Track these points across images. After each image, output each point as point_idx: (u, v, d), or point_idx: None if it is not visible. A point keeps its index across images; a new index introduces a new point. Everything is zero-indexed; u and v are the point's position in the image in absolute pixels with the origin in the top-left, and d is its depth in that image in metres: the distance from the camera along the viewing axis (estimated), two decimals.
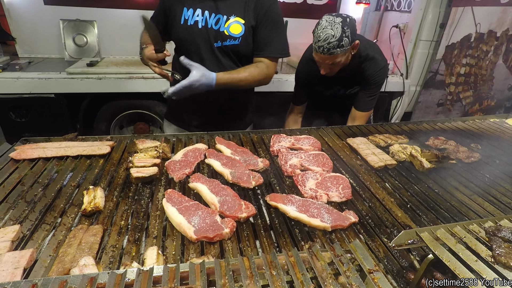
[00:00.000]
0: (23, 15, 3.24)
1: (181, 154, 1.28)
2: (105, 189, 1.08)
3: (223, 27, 1.54)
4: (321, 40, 1.53)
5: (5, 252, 0.78)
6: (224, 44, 1.57)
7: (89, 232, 0.86)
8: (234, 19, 1.54)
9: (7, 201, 0.99)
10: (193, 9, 1.56)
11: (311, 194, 1.09)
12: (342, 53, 1.56)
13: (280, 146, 1.40)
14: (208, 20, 1.55)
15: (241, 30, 1.55)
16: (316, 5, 3.99)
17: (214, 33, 1.55)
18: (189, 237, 0.88)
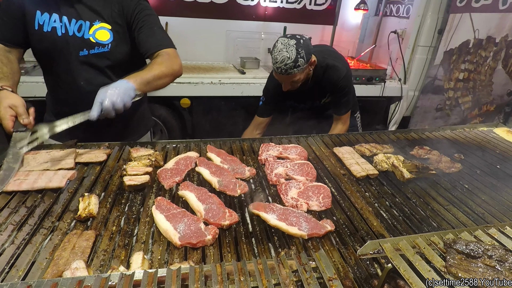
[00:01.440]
0: None
1: (173, 162, 1.35)
2: (99, 196, 1.15)
3: (88, 34, 1.42)
4: (278, 62, 1.65)
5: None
6: (92, 52, 1.44)
7: (83, 237, 0.93)
8: (99, 25, 1.42)
9: (9, 207, 1.08)
10: (49, 13, 1.40)
11: (292, 203, 1.16)
12: (300, 72, 1.69)
13: (268, 155, 1.47)
14: (68, 26, 1.41)
15: (109, 36, 1.44)
16: (316, 10, 4.05)
17: (78, 41, 1.42)
18: (174, 243, 0.95)
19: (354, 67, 3.73)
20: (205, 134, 3.56)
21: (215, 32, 3.86)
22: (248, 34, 3.97)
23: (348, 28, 4.27)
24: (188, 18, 3.69)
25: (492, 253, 0.77)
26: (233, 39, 3.95)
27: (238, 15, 3.83)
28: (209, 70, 3.59)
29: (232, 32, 3.91)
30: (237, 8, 3.78)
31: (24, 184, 1.15)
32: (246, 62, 3.72)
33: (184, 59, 3.94)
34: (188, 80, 3.20)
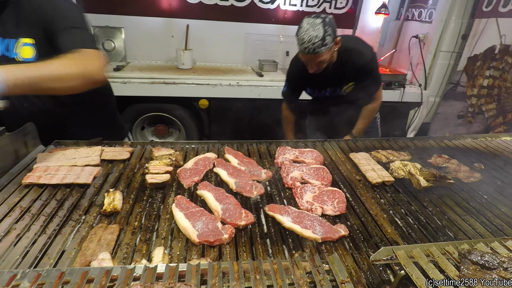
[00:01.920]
0: None
1: (192, 163, 1.40)
2: (123, 192, 1.22)
3: (14, 53, 1.30)
4: (306, 41, 1.66)
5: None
6: None
7: (108, 230, 0.99)
8: (22, 41, 1.29)
9: (40, 199, 1.15)
10: None
11: (307, 206, 1.18)
12: (327, 51, 1.71)
13: (284, 158, 1.50)
14: None
15: (33, 52, 1.30)
16: (336, 14, 4.03)
17: (9, 61, 1.29)
18: (192, 240, 0.99)
19: None
20: (222, 135, 3.61)
21: (234, 35, 3.92)
22: (266, 37, 4.01)
23: (368, 32, 4.23)
24: (209, 21, 3.77)
25: (508, 265, 0.77)
26: (251, 42, 4.00)
27: (258, 18, 3.88)
28: (227, 72, 3.65)
29: (251, 35, 3.96)
30: (257, 11, 3.83)
31: (54, 179, 1.23)
32: (264, 65, 3.75)
33: (203, 61, 4.03)
34: (207, 81, 3.27)
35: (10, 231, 0.99)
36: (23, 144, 1.42)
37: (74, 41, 1.24)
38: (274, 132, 3.62)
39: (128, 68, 3.42)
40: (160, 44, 3.81)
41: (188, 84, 3.22)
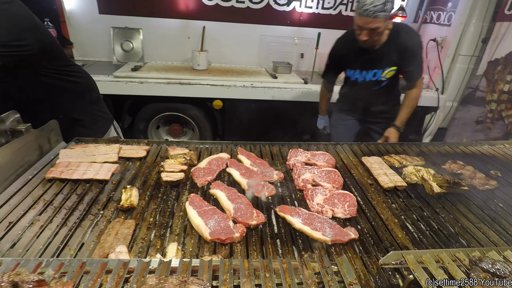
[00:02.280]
0: (81, 22, 3.64)
1: (205, 162, 1.44)
2: (139, 189, 1.26)
3: None
4: (367, 3, 1.74)
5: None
6: None
7: (124, 225, 1.04)
8: None
9: (62, 193, 1.21)
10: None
11: (317, 208, 1.20)
12: (384, 19, 1.77)
13: (296, 160, 1.51)
14: None
15: None
16: (352, 16, 4.00)
17: None
18: (204, 237, 1.02)
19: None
20: (235, 135, 3.66)
21: (249, 36, 3.96)
22: (281, 39, 4.03)
23: None
24: (225, 23, 3.82)
25: None
26: (266, 44, 4.03)
27: (273, 20, 3.90)
28: (242, 73, 3.69)
29: (266, 37, 3.99)
30: (273, 13, 3.86)
31: (75, 174, 1.28)
32: (279, 67, 3.77)
33: (218, 62, 4.08)
34: (221, 82, 3.32)
35: (34, 223, 1.05)
36: (46, 140, 1.49)
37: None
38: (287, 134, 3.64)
39: (145, 68, 3.51)
40: (177, 45, 3.89)
41: (203, 85, 3.27)
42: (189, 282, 0.66)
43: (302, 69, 4.22)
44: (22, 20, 1.45)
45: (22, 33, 1.43)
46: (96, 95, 2.02)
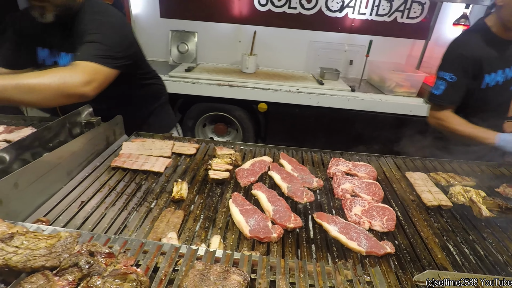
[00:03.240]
0: (144, 25, 3.97)
1: (249, 164, 1.53)
2: (188, 183, 1.39)
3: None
4: None
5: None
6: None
7: (175, 214, 1.16)
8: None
9: (123, 180, 1.38)
10: (49, 49, 1.55)
11: (355, 219, 1.21)
12: None
13: (337, 169, 1.54)
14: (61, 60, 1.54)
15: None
16: (408, 24, 3.86)
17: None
18: (244, 234, 1.11)
19: None
20: (277, 139, 3.73)
21: (298, 42, 4.00)
22: (331, 45, 4.01)
23: (443, 43, 3.94)
24: (275, 28, 3.91)
25: None
26: (315, 49, 4.04)
27: (324, 26, 3.90)
28: (288, 78, 3.75)
29: (315, 43, 4.00)
30: (324, 20, 3.86)
31: (135, 165, 1.45)
32: (326, 73, 3.77)
33: (266, 66, 4.18)
34: (267, 86, 3.41)
35: (101, 204, 1.22)
36: (112, 132, 1.70)
37: (78, 54, 1.33)
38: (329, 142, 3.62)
39: (197, 69, 3.73)
40: (228, 48, 4.07)
41: (250, 88, 3.39)
42: (231, 271, 0.75)
43: (350, 76, 4.16)
44: (127, 31, 1.62)
45: (128, 44, 1.59)
46: (166, 97, 2.24)
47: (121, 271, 0.71)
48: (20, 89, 1.11)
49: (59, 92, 1.19)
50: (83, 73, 1.26)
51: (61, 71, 1.21)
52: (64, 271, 0.70)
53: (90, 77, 1.28)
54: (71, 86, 1.21)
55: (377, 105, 3.46)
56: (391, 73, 3.53)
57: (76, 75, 1.23)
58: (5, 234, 0.76)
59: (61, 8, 1.38)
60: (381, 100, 3.46)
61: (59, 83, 1.17)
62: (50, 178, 1.24)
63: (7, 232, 0.78)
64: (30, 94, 1.14)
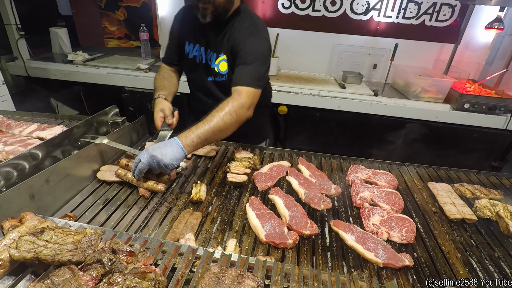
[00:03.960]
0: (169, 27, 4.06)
1: (267, 168, 1.54)
2: (207, 185, 1.42)
3: (214, 64, 1.64)
4: None
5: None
6: (216, 79, 1.68)
7: (193, 216, 1.19)
8: (222, 57, 1.61)
9: None
10: (193, 44, 1.68)
11: (373, 229, 1.19)
12: None
13: (356, 177, 1.52)
14: (203, 56, 1.66)
15: (226, 67, 1.63)
16: (436, 27, 3.73)
17: (208, 68, 1.67)
18: (260, 239, 1.12)
19: (475, 93, 3.31)
20: (296, 142, 3.71)
21: (321, 45, 3.96)
22: (354, 49, 3.94)
23: (473, 48, 3.79)
24: (298, 30, 3.89)
25: None
26: (338, 53, 3.98)
27: (348, 29, 3.84)
28: (310, 81, 3.72)
29: (339, 46, 3.95)
30: (348, 22, 3.80)
31: None
32: (348, 77, 3.70)
33: (288, 68, 4.16)
34: (288, 89, 3.40)
35: (123, 202, 1.27)
36: (136, 132, 1.76)
37: (238, 76, 1.50)
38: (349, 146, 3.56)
39: None
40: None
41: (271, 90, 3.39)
42: (246, 276, 0.76)
43: (373, 80, 4.07)
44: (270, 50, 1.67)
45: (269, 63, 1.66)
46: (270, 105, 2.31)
47: (141, 270, 0.74)
48: (213, 133, 1.36)
49: (237, 124, 1.43)
50: (247, 100, 1.44)
51: (233, 107, 1.40)
52: (88, 267, 0.74)
53: (251, 101, 1.47)
54: (243, 115, 1.43)
55: (400, 111, 3.36)
56: (417, 77, 3.42)
57: (243, 105, 1.42)
58: (37, 228, 0.81)
59: (219, 11, 1.50)
60: (405, 106, 3.36)
61: (236, 118, 1.40)
62: (78, 175, 1.31)
63: (38, 227, 0.84)
64: (220, 134, 1.39)
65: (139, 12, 4.17)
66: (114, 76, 3.47)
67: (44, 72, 3.44)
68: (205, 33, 1.64)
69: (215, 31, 1.60)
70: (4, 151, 1.45)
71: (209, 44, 1.64)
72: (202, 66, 1.70)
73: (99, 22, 4.20)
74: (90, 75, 3.46)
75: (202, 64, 1.70)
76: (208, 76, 1.71)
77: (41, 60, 3.55)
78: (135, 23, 4.12)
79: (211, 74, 1.69)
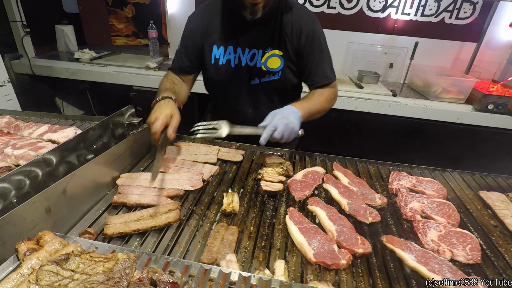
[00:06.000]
0: (178, 25, 3.93)
1: (301, 175, 1.40)
2: (238, 194, 1.27)
3: (260, 63, 1.46)
4: None
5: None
6: (263, 80, 1.49)
7: (229, 231, 1.05)
8: (271, 52, 1.44)
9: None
10: (224, 46, 1.47)
11: (433, 246, 1.05)
12: None
13: (400, 185, 1.37)
14: (241, 57, 1.47)
15: (280, 63, 1.46)
16: (456, 25, 3.59)
17: (251, 70, 1.48)
18: (308, 258, 0.98)
19: (496, 93, 3.17)
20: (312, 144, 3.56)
21: (336, 43, 3.80)
22: (370, 47, 3.81)
23: (495, 46, 3.65)
24: None
25: None
26: (353, 51, 3.84)
27: (364, 27, 3.71)
28: None
29: (354, 44, 3.81)
30: (364, 20, 3.66)
31: (181, 171, 1.36)
32: (365, 76, 3.57)
33: None
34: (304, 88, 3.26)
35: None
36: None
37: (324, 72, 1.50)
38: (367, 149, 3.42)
39: None
40: None
41: None
42: None
43: (389, 80, 3.93)
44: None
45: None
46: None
47: None
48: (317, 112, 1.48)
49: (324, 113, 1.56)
50: (336, 91, 1.60)
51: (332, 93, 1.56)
52: None
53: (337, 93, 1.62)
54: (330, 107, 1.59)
55: (421, 112, 3.22)
56: (437, 77, 3.29)
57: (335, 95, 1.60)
58: (60, 255, 0.67)
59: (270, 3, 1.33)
60: (425, 106, 3.23)
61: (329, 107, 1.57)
62: (96, 183, 1.17)
63: (61, 252, 0.70)
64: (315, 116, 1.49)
65: (147, 9, 4.04)
66: (122, 74, 3.33)
67: (50, 71, 3.30)
68: (241, 31, 1.44)
69: (257, 27, 1.41)
70: (13, 155, 1.31)
71: (249, 42, 1.45)
72: (242, 69, 1.50)
73: (106, 20, 4.06)
74: (98, 73, 3.32)
75: (241, 67, 1.49)
76: (251, 79, 1.51)
77: (47, 58, 3.41)
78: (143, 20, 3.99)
79: (255, 76, 1.50)
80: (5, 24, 3.11)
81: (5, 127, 1.57)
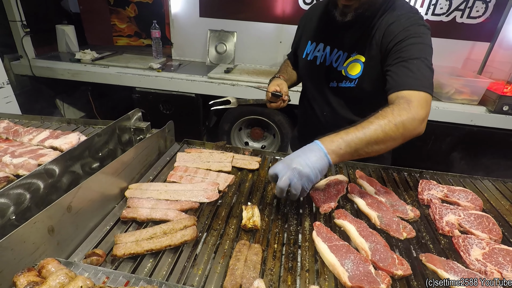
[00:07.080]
0: (182, 25, 3.83)
1: (324, 184, 1.29)
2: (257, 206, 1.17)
3: (341, 66, 1.37)
4: None
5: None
6: (340, 85, 1.39)
7: (252, 250, 0.94)
8: (355, 57, 1.32)
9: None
10: (316, 43, 1.45)
11: (479, 267, 0.95)
12: None
13: (431, 195, 1.27)
14: (328, 56, 1.40)
15: (359, 70, 1.32)
16: (468, 24, 3.49)
17: (332, 72, 1.40)
18: (342, 282, 0.87)
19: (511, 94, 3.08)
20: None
21: None
22: None
23: (508, 46, 3.55)
24: None
25: None
26: None
27: None
28: None
29: None
30: None
31: (194, 181, 1.25)
32: None
33: None
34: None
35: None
36: (164, 140, 1.51)
37: (401, 78, 1.12)
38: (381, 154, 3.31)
39: (236, 71, 3.54)
40: (268, 49, 3.85)
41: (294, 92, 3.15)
42: None
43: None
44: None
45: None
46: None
47: None
48: (367, 144, 1.02)
49: (402, 140, 1.06)
50: (420, 110, 1.05)
51: (400, 116, 1.03)
52: None
53: (425, 113, 1.07)
54: (412, 131, 1.05)
55: (432, 113, 3.10)
56: (450, 78, 3.19)
57: (415, 117, 1.04)
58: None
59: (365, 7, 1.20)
60: (437, 108, 3.13)
61: (403, 132, 1.03)
62: (103, 196, 1.07)
63: (66, 285, 0.59)
64: (374, 147, 1.03)
65: (150, 9, 3.94)
66: (125, 76, 3.23)
67: (50, 72, 3.20)
68: (335, 30, 1.36)
69: (352, 28, 1.31)
70: (12, 164, 1.20)
71: (338, 43, 1.37)
72: (324, 69, 1.43)
73: (108, 19, 3.96)
74: (100, 74, 3.22)
75: (325, 66, 1.42)
76: (330, 81, 1.42)
77: (47, 59, 3.30)
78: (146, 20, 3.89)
79: (334, 79, 1.41)
80: (4, 24, 3.01)
81: (4, 132, 1.47)
